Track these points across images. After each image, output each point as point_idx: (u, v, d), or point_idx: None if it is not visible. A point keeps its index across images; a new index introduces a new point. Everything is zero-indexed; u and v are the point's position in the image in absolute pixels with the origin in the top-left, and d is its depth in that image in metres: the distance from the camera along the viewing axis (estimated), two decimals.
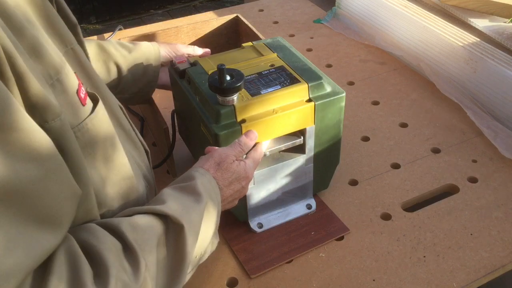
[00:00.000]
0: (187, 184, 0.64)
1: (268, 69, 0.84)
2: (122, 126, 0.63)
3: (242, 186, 0.73)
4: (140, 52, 0.94)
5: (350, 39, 1.43)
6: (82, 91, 0.51)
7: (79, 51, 0.56)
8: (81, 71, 0.55)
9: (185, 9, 3.58)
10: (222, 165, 0.70)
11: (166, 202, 0.58)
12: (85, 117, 0.51)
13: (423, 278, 0.79)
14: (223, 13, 1.52)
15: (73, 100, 0.49)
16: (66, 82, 0.48)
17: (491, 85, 1.10)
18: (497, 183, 0.96)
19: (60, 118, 0.45)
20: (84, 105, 0.51)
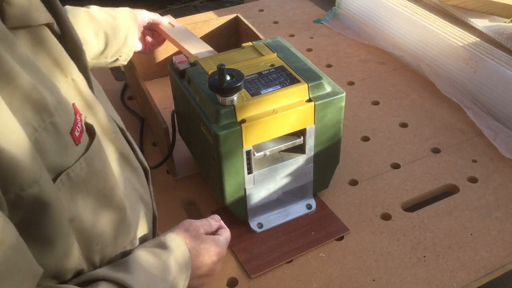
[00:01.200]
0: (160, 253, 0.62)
1: (268, 69, 0.84)
2: (120, 151, 0.61)
3: (213, 261, 0.70)
4: (122, 19, 0.98)
5: (350, 39, 1.43)
6: (77, 129, 0.49)
7: (81, 80, 0.54)
8: (80, 100, 0.53)
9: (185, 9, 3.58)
10: (191, 232, 0.68)
11: (133, 273, 0.56)
12: (78, 158, 0.49)
13: (423, 278, 0.79)
14: (223, 13, 1.52)
15: (66, 141, 0.47)
16: (59, 123, 0.46)
17: (491, 85, 1.10)
18: (497, 183, 0.96)
19: (39, 183, 0.43)
20: (77, 145, 0.49)
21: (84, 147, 0.50)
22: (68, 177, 0.48)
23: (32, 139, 0.43)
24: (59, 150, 0.46)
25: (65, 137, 0.47)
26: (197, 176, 1.00)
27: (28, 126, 0.43)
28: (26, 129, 0.42)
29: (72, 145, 0.48)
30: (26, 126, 0.42)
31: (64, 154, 0.47)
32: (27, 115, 0.42)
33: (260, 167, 0.84)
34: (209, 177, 0.88)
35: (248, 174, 0.82)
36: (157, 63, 1.24)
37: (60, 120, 0.46)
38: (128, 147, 0.64)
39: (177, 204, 0.94)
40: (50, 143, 0.45)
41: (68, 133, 0.47)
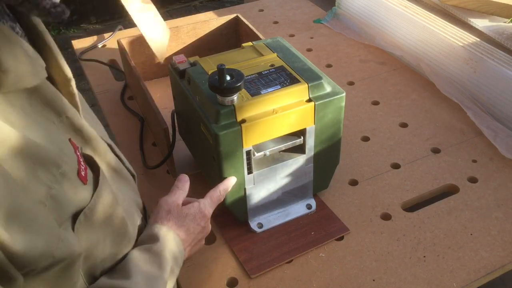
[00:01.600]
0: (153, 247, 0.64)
1: (268, 69, 0.84)
2: (113, 167, 0.62)
3: (202, 226, 0.73)
4: None
5: (350, 39, 1.43)
6: (81, 168, 0.50)
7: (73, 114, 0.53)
8: (74, 133, 0.54)
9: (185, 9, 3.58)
10: (173, 212, 0.70)
11: (131, 277, 0.57)
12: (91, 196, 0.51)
13: (423, 278, 0.79)
14: (223, 13, 1.53)
15: (76, 185, 0.48)
16: (67, 171, 0.47)
17: (491, 85, 1.10)
18: (497, 183, 0.96)
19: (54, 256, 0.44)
20: (85, 184, 0.50)
21: (91, 184, 0.51)
22: (85, 216, 0.49)
23: (48, 197, 0.44)
24: (72, 196, 0.47)
25: (74, 181, 0.48)
26: (197, 176, 1.00)
27: (42, 186, 0.43)
28: (41, 189, 0.43)
29: (81, 186, 0.49)
30: (41, 187, 0.43)
31: (77, 198, 0.48)
32: (39, 175, 0.43)
33: (260, 167, 0.84)
34: (209, 177, 0.88)
35: (248, 174, 0.82)
36: (157, 63, 1.24)
37: (67, 168, 0.47)
38: (118, 160, 0.64)
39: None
40: (63, 193, 0.46)
41: (76, 176, 0.48)
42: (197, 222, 0.72)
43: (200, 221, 0.73)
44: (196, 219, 0.72)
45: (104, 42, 1.42)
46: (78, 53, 1.37)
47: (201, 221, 0.73)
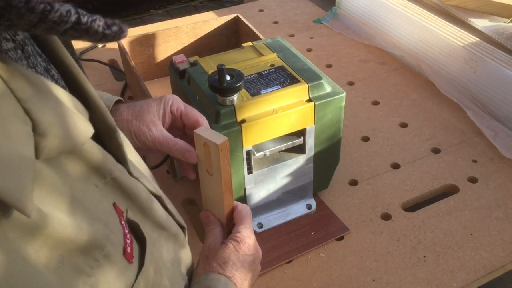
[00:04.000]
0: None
1: (268, 69, 0.84)
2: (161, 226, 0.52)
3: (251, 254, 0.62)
4: None
5: (350, 39, 1.43)
6: (127, 243, 0.41)
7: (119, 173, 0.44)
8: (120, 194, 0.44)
9: (185, 9, 3.58)
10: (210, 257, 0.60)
11: None
12: (135, 277, 0.41)
13: (423, 278, 0.79)
14: (223, 13, 1.52)
15: (121, 266, 0.39)
16: (112, 251, 0.38)
17: (491, 85, 1.10)
18: (497, 183, 0.96)
19: None
20: (131, 263, 0.41)
21: (137, 261, 0.42)
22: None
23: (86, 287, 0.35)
24: (116, 281, 0.39)
25: (119, 262, 0.39)
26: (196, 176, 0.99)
27: (80, 276, 0.35)
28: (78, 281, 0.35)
29: (126, 266, 0.40)
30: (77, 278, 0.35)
31: (121, 282, 0.40)
32: (77, 263, 0.35)
33: (260, 167, 0.84)
34: None
35: (248, 174, 0.82)
36: (157, 63, 1.24)
37: (112, 247, 0.38)
38: (167, 215, 0.55)
39: (177, 204, 0.94)
40: (105, 279, 0.37)
41: (121, 256, 0.40)
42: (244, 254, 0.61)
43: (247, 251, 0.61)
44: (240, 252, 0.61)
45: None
46: (78, 53, 1.37)
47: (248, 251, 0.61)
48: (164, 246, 0.53)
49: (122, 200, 0.45)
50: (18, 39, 0.38)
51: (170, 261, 0.53)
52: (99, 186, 0.41)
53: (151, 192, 0.52)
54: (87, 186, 0.40)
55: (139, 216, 0.47)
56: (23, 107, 0.32)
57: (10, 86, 0.32)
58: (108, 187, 0.43)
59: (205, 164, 0.61)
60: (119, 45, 1.15)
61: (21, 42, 0.38)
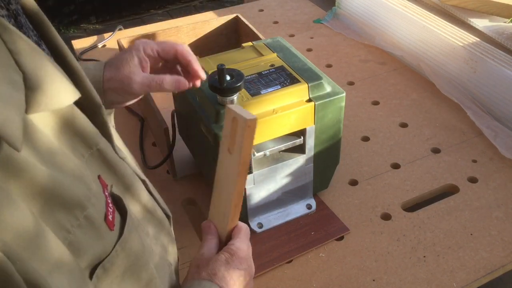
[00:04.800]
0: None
1: (268, 69, 0.84)
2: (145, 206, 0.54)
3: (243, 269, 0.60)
4: None
5: (350, 39, 1.43)
6: (109, 211, 0.43)
7: (105, 146, 0.47)
8: (105, 168, 0.47)
9: (185, 9, 3.58)
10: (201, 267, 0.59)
11: None
12: (114, 244, 0.43)
13: (423, 278, 0.79)
14: (223, 13, 1.52)
15: (101, 231, 0.41)
16: (93, 214, 0.40)
17: (491, 85, 1.10)
18: (497, 183, 0.96)
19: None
20: (112, 230, 0.43)
21: (118, 230, 0.44)
22: (104, 269, 0.42)
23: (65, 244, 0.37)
24: (94, 244, 0.40)
25: (100, 227, 0.41)
26: (197, 176, 1.00)
27: (60, 231, 0.37)
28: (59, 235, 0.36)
29: (107, 232, 0.42)
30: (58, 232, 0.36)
31: (100, 246, 0.41)
32: (57, 218, 0.37)
33: (260, 167, 0.83)
34: (209, 177, 0.88)
35: (248, 174, 0.82)
36: None
37: (94, 210, 0.40)
38: (152, 200, 0.57)
39: (177, 204, 0.94)
40: (85, 240, 0.39)
41: (102, 221, 0.41)
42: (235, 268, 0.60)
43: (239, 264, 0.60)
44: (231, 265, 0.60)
45: (104, 42, 1.42)
46: (78, 53, 1.37)
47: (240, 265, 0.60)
48: (150, 229, 0.54)
49: (107, 175, 0.47)
50: (11, 8, 0.40)
51: (155, 244, 0.54)
52: (85, 156, 0.43)
53: (137, 175, 0.54)
54: (73, 152, 0.42)
55: (123, 193, 0.49)
56: (15, 59, 0.35)
57: (3, 37, 0.34)
58: (93, 158, 0.45)
59: (228, 140, 0.61)
60: (119, 45, 1.15)
61: (14, 12, 0.40)
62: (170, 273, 0.58)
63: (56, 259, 0.35)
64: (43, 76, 0.37)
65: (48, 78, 0.38)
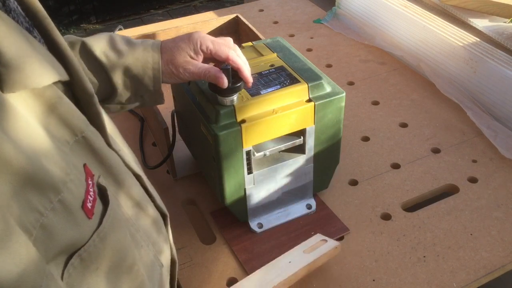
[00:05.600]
0: None
1: (268, 69, 0.84)
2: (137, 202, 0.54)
3: None
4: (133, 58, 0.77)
5: (350, 39, 1.43)
6: (89, 199, 0.42)
7: (92, 134, 0.46)
8: (93, 157, 0.46)
9: (185, 9, 3.58)
10: None
11: None
12: (91, 234, 0.42)
13: (423, 278, 0.79)
14: (223, 13, 1.52)
15: (77, 217, 0.40)
16: (69, 199, 0.39)
17: (491, 85, 1.10)
18: (497, 183, 0.96)
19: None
20: (90, 218, 0.42)
21: (97, 219, 0.43)
22: (80, 259, 0.41)
23: (37, 226, 0.36)
24: (69, 230, 0.39)
25: (76, 213, 0.40)
26: (197, 176, 1.00)
27: (32, 212, 0.36)
28: (30, 216, 0.36)
29: (84, 219, 0.41)
30: (29, 213, 0.36)
31: (75, 233, 0.40)
32: (29, 199, 0.36)
33: (260, 167, 0.84)
34: (209, 177, 0.88)
35: (248, 174, 0.82)
36: None
37: (70, 195, 0.39)
38: (145, 195, 0.57)
39: (177, 204, 0.94)
40: (58, 224, 0.38)
41: (79, 207, 0.41)
42: None
43: None
44: None
45: None
46: None
47: None
48: (143, 227, 0.54)
49: (94, 164, 0.46)
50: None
51: (145, 242, 0.54)
52: (70, 143, 0.43)
53: (130, 169, 0.54)
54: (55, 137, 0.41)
55: (112, 186, 0.48)
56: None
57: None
58: (79, 146, 0.44)
59: None
60: None
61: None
62: (161, 274, 0.57)
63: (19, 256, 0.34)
64: (20, 55, 0.37)
65: (26, 58, 0.37)
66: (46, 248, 0.37)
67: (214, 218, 0.91)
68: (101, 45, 0.77)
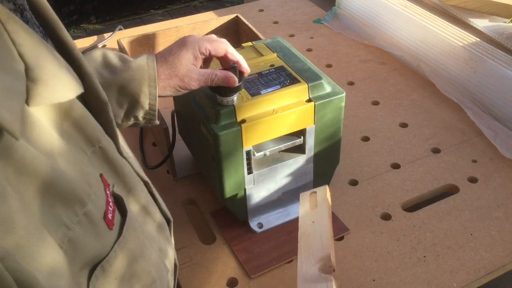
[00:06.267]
0: None
1: (268, 69, 0.84)
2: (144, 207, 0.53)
3: None
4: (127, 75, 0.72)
5: (350, 39, 1.43)
6: (109, 210, 0.42)
7: (108, 144, 0.46)
8: (107, 167, 0.46)
9: (185, 9, 3.58)
10: None
11: None
12: (112, 245, 0.42)
13: (423, 278, 0.79)
14: (223, 13, 1.52)
15: (100, 229, 0.40)
16: (92, 211, 0.39)
17: (491, 85, 1.10)
18: (497, 183, 0.96)
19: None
20: (111, 229, 0.42)
21: (117, 229, 0.43)
22: (103, 269, 0.41)
23: (65, 240, 0.36)
24: (93, 242, 0.40)
25: (99, 225, 0.40)
26: (197, 176, 1.00)
27: (60, 227, 0.36)
28: (58, 231, 0.35)
29: (105, 231, 0.41)
30: (58, 228, 0.35)
31: (98, 245, 0.40)
32: (57, 213, 0.36)
33: (260, 167, 0.84)
34: (209, 177, 0.88)
35: (248, 174, 0.82)
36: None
37: (93, 207, 0.39)
38: (152, 201, 0.57)
39: (177, 204, 0.94)
40: (84, 237, 0.38)
41: (101, 219, 0.41)
42: None
43: None
44: None
45: (104, 42, 1.42)
46: None
47: None
48: (150, 232, 0.54)
49: (109, 174, 0.46)
50: (18, 3, 0.40)
51: (154, 248, 0.54)
52: (88, 153, 0.43)
53: (139, 176, 0.54)
54: (74, 147, 0.41)
55: (124, 194, 0.48)
56: (18, 50, 0.35)
57: (6, 27, 0.34)
58: (96, 156, 0.44)
59: None
60: (119, 45, 1.15)
61: (20, 7, 0.40)
62: (167, 279, 0.58)
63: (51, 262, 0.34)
64: (45, 68, 0.37)
65: (51, 71, 0.37)
66: (73, 262, 0.37)
67: (214, 218, 0.91)
68: (94, 64, 0.73)
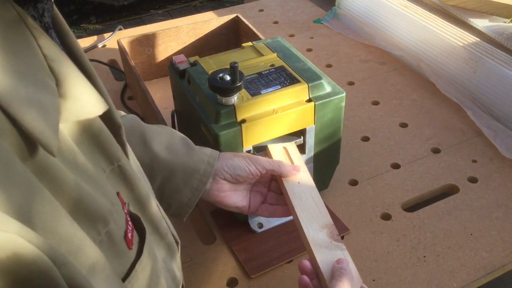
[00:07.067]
0: None
1: (268, 69, 0.84)
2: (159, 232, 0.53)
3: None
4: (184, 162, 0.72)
5: (350, 39, 1.43)
6: (129, 229, 0.41)
7: (125, 163, 0.46)
8: (124, 186, 0.46)
9: (185, 9, 3.58)
10: None
11: None
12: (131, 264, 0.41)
13: (423, 278, 0.79)
14: (223, 13, 1.52)
15: (120, 249, 0.40)
16: (114, 230, 0.38)
17: (491, 85, 1.10)
18: (497, 183, 0.96)
19: None
20: (131, 249, 0.41)
21: (135, 249, 0.42)
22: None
23: None
24: (114, 262, 0.39)
25: (119, 244, 0.39)
26: None
27: None
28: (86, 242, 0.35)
29: (125, 250, 0.40)
30: None
31: (117, 265, 0.39)
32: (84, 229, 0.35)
33: None
34: None
35: None
36: (157, 63, 1.24)
37: (115, 226, 0.39)
38: (164, 223, 0.55)
39: None
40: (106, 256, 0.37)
41: (122, 238, 0.40)
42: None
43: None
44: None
45: (104, 42, 1.42)
46: None
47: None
48: (160, 253, 0.53)
49: (125, 192, 0.45)
50: (44, 21, 0.40)
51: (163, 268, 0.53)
52: (106, 172, 0.42)
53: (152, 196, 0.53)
54: (94, 165, 0.40)
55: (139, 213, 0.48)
56: (49, 64, 0.35)
57: (38, 42, 0.35)
58: (114, 175, 0.44)
59: None
60: (119, 45, 1.15)
61: (46, 25, 0.41)
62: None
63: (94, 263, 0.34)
64: (73, 84, 0.37)
65: (78, 87, 0.37)
66: None
67: (214, 218, 0.91)
68: (161, 139, 0.73)
